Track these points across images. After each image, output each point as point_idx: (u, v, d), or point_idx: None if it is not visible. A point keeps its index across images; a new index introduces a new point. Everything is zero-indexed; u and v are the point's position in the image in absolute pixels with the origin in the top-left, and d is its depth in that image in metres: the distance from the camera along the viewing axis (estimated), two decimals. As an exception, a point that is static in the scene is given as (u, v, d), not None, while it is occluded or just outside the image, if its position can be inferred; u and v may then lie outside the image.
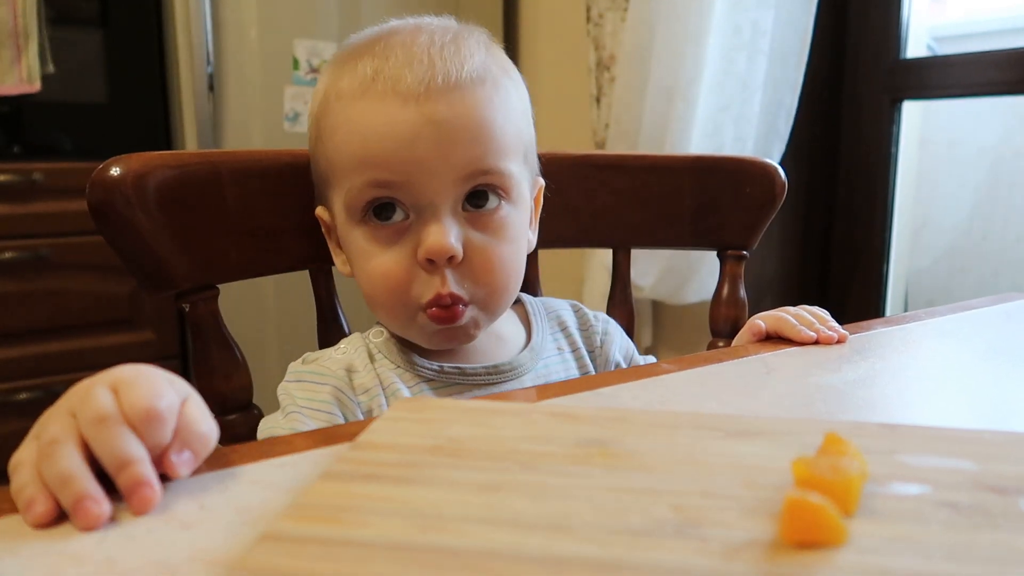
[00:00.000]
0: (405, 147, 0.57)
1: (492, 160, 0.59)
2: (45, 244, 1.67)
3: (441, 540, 0.29)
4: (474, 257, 0.59)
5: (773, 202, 0.86)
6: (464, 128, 0.57)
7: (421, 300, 0.59)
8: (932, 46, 1.64)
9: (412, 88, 0.57)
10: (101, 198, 0.60)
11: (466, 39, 0.61)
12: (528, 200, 0.66)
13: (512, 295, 0.64)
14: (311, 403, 0.60)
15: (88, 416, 0.34)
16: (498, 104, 0.60)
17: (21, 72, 1.62)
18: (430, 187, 0.57)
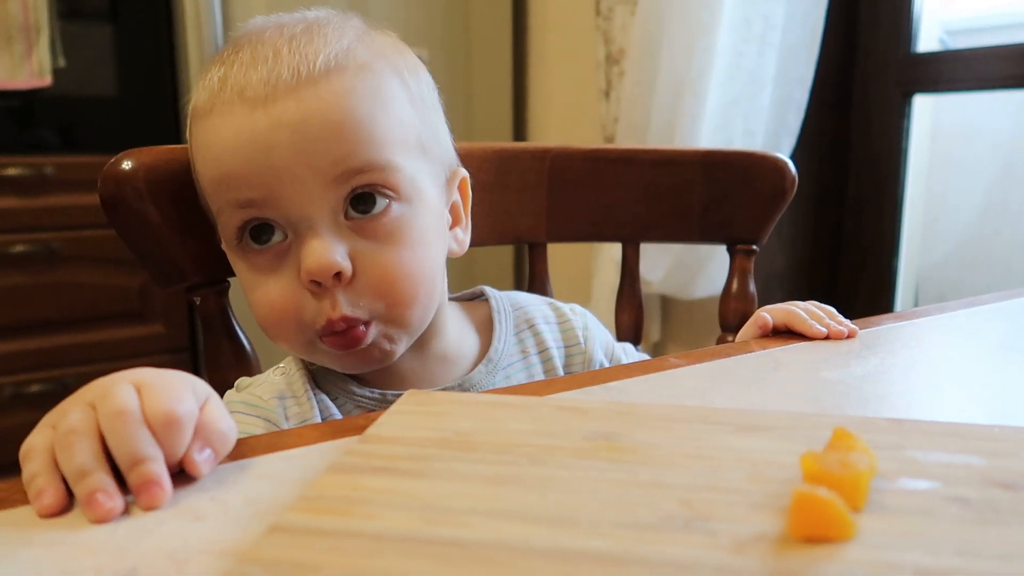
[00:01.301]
0: (259, 157, 0.50)
1: (365, 155, 0.51)
2: (56, 237, 1.68)
3: (449, 533, 0.29)
4: (366, 271, 0.52)
5: (783, 196, 0.85)
6: (321, 125, 0.50)
7: (314, 327, 0.53)
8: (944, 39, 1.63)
9: (258, 91, 0.50)
10: (113, 191, 0.60)
11: (325, 26, 0.54)
12: (434, 198, 0.57)
13: (426, 305, 0.56)
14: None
15: (108, 410, 0.34)
16: (364, 92, 0.52)
17: (32, 66, 1.63)
18: (298, 199, 0.51)
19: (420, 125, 0.56)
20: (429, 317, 0.58)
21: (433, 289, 0.57)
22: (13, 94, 1.64)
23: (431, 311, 0.58)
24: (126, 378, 0.36)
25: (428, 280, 0.55)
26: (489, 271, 1.99)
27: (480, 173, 0.80)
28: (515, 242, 0.85)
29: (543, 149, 0.84)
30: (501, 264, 2.02)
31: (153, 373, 0.37)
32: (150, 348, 1.80)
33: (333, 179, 0.51)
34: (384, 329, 0.54)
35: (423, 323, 0.58)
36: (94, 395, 0.36)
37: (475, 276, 1.93)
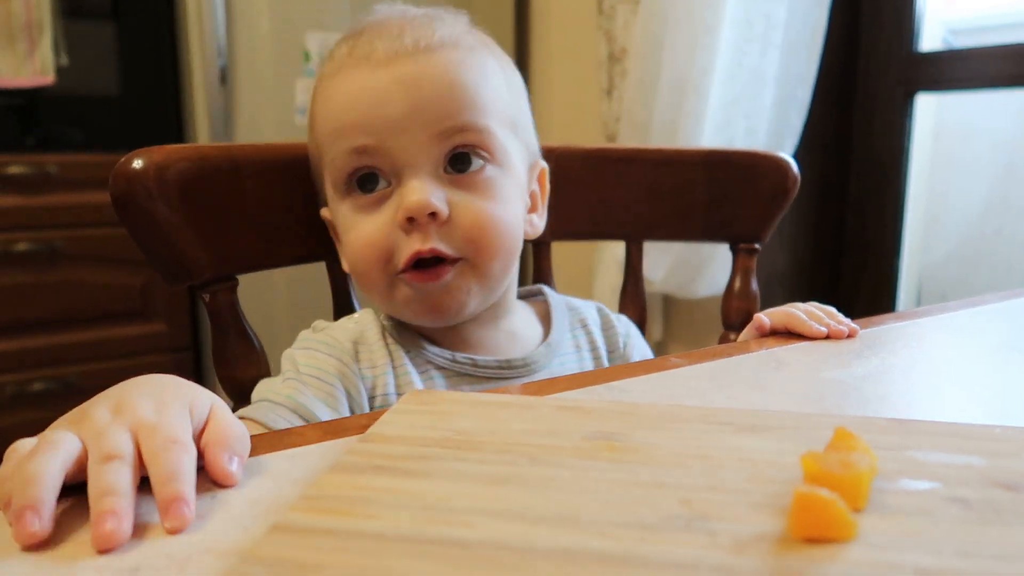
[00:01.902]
0: (376, 108, 0.57)
1: (467, 116, 0.58)
2: (59, 236, 1.69)
3: (450, 532, 0.29)
4: (459, 216, 0.57)
5: (785, 196, 0.85)
6: (434, 85, 0.57)
7: (399, 263, 0.57)
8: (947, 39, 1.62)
9: (381, 56, 0.58)
10: (123, 190, 0.61)
11: (440, 16, 0.62)
12: (520, 172, 0.63)
13: (506, 263, 0.61)
14: (313, 371, 0.59)
15: (98, 453, 0.33)
16: (471, 66, 0.60)
17: (35, 65, 1.63)
18: (406, 147, 0.57)
19: (513, 108, 0.64)
20: (504, 278, 0.63)
21: (513, 253, 0.62)
22: (16, 92, 1.64)
23: (507, 275, 0.63)
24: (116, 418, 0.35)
25: (511, 239, 0.61)
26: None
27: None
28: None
29: (546, 149, 0.84)
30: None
31: (151, 410, 0.35)
32: (152, 347, 1.80)
33: (438, 134, 0.58)
34: (464, 277, 0.59)
35: (499, 282, 0.62)
36: (88, 433, 0.34)
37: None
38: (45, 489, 0.31)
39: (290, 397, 0.57)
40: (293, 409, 0.57)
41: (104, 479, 0.32)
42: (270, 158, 0.69)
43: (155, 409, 0.36)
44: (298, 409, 0.57)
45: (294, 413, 0.57)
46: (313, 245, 0.72)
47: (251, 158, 0.67)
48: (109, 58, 1.75)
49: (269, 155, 0.69)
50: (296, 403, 0.57)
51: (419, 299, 0.59)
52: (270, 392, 0.59)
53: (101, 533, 0.30)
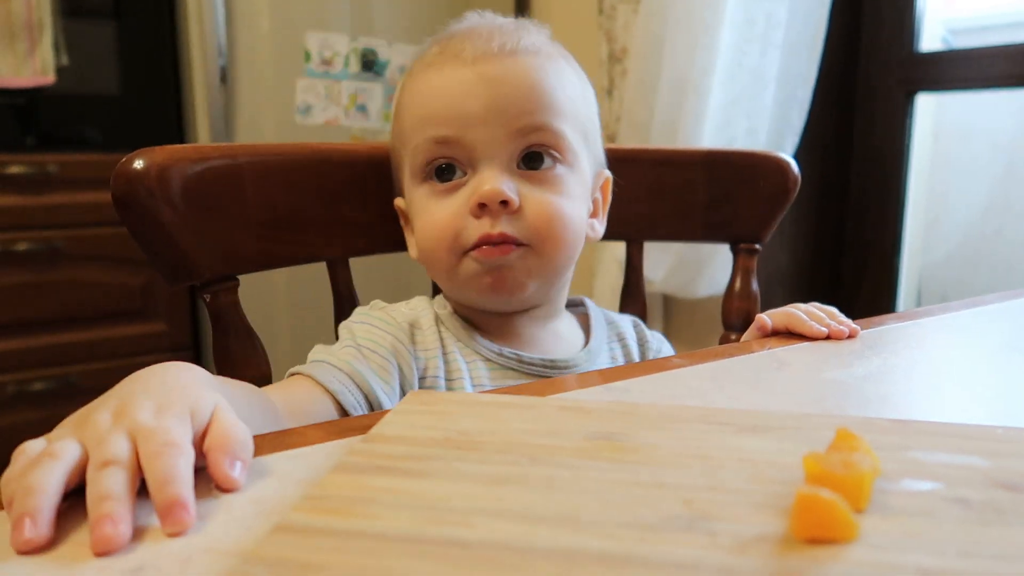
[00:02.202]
0: (459, 102, 0.61)
1: (543, 116, 0.62)
2: (59, 236, 1.69)
3: (452, 532, 0.29)
4: (529, 206, 0.61)
5: (786, 196, 0.85)
6: (515, 85, 0.62)
7: (467, 243, 0.61)
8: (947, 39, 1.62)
9: (468, 56, 0.62)
10: (125, 190, 0.61)
11: (527, 26, 0.67)
12: (587, 176, 0.67)
13: (567, 255, 0.64)
14: (370, 343, 0.62)
15: (96, 459, 0.33)
16: (550, 72, 0.64)
17: (35, 64, 1.63)
18: (484, 140, 0.61)
19: (585, 117, 0.67)
20: (563, 271, 0.66)
21: (574, 247, 0.65)
22: (16, 92, 1.64)
23: (566, 268, 0.67)
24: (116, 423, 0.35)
25: (573, 233, 0.64)
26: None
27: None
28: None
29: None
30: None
31: (150, 414, 0.35)
32: (152, 346, 1.80)
33: (515, 130, 0.62)
34: (526, 260, 0.62)
35: (557, 273, 0.66)
36: (90, 436, 0.34)
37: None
38: (44, 497, 0.31)
39: (347, 363, 0.60)
40: (349, 374, 0.59)
41: (101, 484, 0.32)
42: (272, 159, 0.69)
43: (155, 412, 0.36)
44: (354, 375, 0.59)
45: (350, 379, 0.59)
46: (316, 246, 0.72)
47: (253, 159, 0.67)
48: (109, 58, 1.75)
49: (271, 156, 0.69)
50: (353, 369, 0.60)
51: (484, 273, 0.62)
52: (328, 355, 0.61)
53: (99, 537, 0.30)
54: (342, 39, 1.76)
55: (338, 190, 0.72)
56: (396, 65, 1.82)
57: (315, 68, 1.74)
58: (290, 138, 1.72)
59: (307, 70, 1.73)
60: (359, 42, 1.77)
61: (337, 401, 0.58)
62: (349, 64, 1.77)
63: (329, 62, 1.75)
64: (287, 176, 0.69)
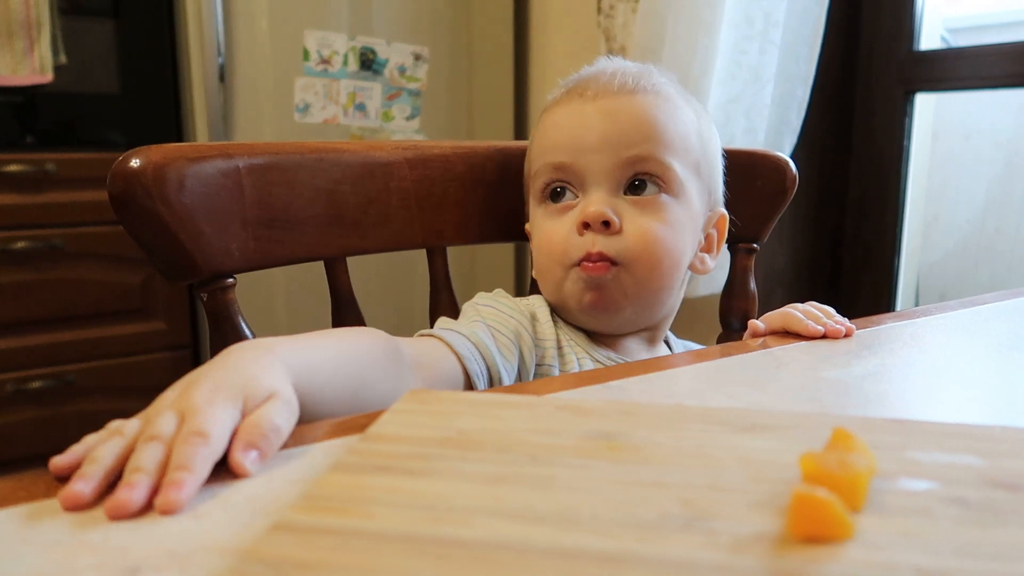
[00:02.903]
0: (578, 133, 0.68)
1: (650, 148, 0.67)
2: (58, 234, 1.68)
3: (450, 532, 0.29)
4: (628, 228, 0.66)
5: (784, 195, 0.85)
6: (627, 119, 0.68)
7: (573, 259, 0.67)
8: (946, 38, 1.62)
9: (592, 93, 0.70)
10: (122, 189, 0.60)
11: (651, 70, 0.73)
12: (696, 209, 0.71)
13: (663, 281, 0.68)
14: (497, 324, 0.67)
15: (145, 434, 0.37)
16: (664, 110, 0.69)
17: (34, 63, 1.63)
18: (595, 167, 0.67)
19: (701, 154, 0.72)
20: (660, 296, 0.70)
21: (671, 274, 0.69)
22: (15, 90, 1.64)
23: (663, 293, 0.70)
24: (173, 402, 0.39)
25: (670, 259, 0.68)
26: (490, 269, 1.99)
27: (483, 171, 0.80)
28: (518, 239, 0.85)
29: (544, 147, 0.84)
30: (502, 262, 2.02)
31: (200, 396, 0.38)
32: (152, 345, 1.80)
33: (624, 160, 0.67)
34: (620, 281, 0.67)
35: (654, 297, 0.70)
36: (152, 411, 0.39)
37: (476, 273, 1.94)
38: (98, 467, 0.35)
39: (475, 334, 0.64)
40: (476, 344, 0.64)
41: (138, 456, 0.35)
42: (269, 157, 0.69)
43: (207, 397, 0.38)
44: (480, 346, 0.64)
45: (476, 348, 0.63)
46: (313, 245, 0.72)
47: (250, 157, 0.67)
48: (108, 56, 1.75)
49: (268, 154, 0.69)
50: (480, 340, 0.64)
51: (585, 289, 0.67)
52: (456, 325, 0.66)
53: (114, 501, 0.33)
54: (341, 38, 1.75)
55: (336, 189, 0.72)
56: (394, 64, 1.82)
57: (314, 67, 1.74)
58: (289, 137, 1.72)
59: (306, 69, 1.73)
60: (358, 41, 1.77)
61: (464, 367, 0.62)
62: (348, 63, 1.77)
63: (328, 61, 1.75)
64: (285, 175, 0.69)
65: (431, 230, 0.78)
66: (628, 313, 0.69)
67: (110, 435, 0.37)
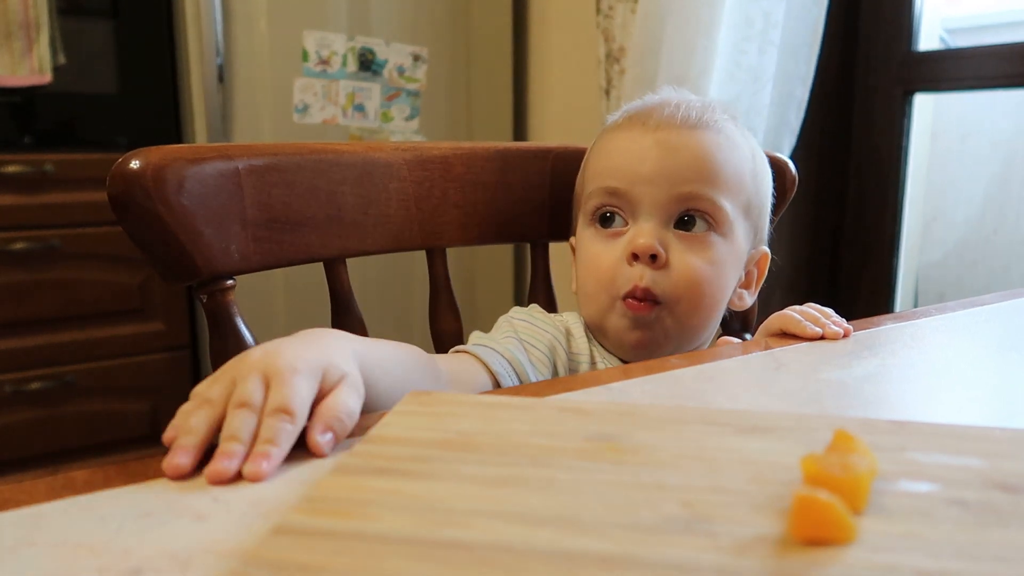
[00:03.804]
0: (635, 162, 0.68)
1: (704, 186, 0.67)
2: (56, 235, 1.68)
3: (451, 534, 0.29)
4: (674, 264, 0.67)
5: (783, 196, 0.85)
6: (684, 154, 0.68)
7: (620, 290, 0.67)
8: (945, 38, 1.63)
9: (651, 123, 0.69)
10: (121, 190, 0.60)
11: (713, 106, 0.72)
12: (742, 248, 0.71)
13: (705, 317, 0.69)
14: (531, 339, 0.68)
15: (235, 397, 0.40)
16: (722, 148, 0.69)
17: (32, 63, 1.63)
18: (648, 197, 0.67)
19: (752, 194, 0.72)
20: (702, 332, 0.71)
21: (712, 311, 0.70)
22: (13, 91, 1.64)
23: (704, 329, 0.71)
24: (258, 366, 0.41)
25: (712, 299, 0.69)
26: (490, 270, 1.99)
27: (483, 173, 0.80)
28: (518, 240, 0.85)
29: (545, 149, 0.84)
30: (502, 263, 2.02)
31: (285, 364, 0.41)
32: (150, 345, 1.80)
33: (677, 195, 0.67)
34: (667, 321, 0.67)
35: (696, 333, 0.70)
36: (236, 374, 0.41)
37: (476, 274, 1.94)
38: (196, 438, 0.38)
39: (509, 350, 0.66)
40: (510, 361, 0.65)
41: (232, 424, 0.38)
42: (269, 159, 0.69)
43: (291, 367, 0.41)
44: (514, 363, 0.65)
45: (510, 364, 0.65)
46: (313, 247, 0.72)
47: (249, 158, 0.67)
48: (107, 57, 1.75)
49: (268, 155, 0.69)
50: (513, 356, 0.66)
51: (629, 327, 0.68)
52: (490, 341, 0.68)
53: (213, 469, 0.36)
54: (340, 38, 1.75)
55: (336, 190, 0.72)
56: (393, 64, 1.82)
57: (313, 67, 1.74)
58: (288, 137, 1.72)
59: (305, 69, 1.73)
60: (357, 41, 1.77)
61: (497, 382, 0.64)
62: (347, 63, 1.77)
63: (327, 61, 1.75)
64: (284, 176, 0.69)
65: (430, 231, 0.78)
66: (668, 351, 0.69)
67: (199, 405, 0.40)
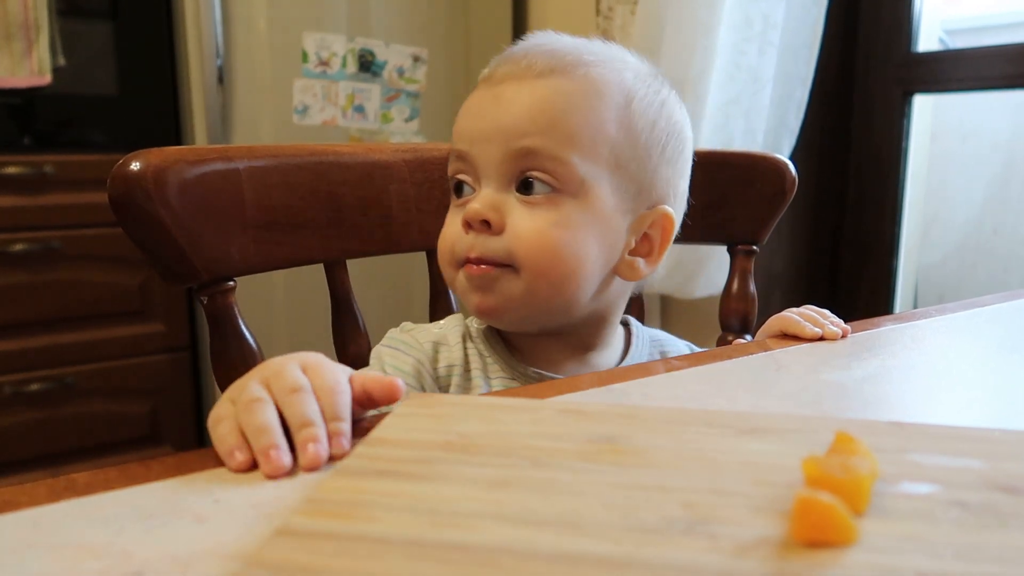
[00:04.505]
0: (474, 120, 0.63)
1: (541, 140, 0.59)
2: (56, 236, 1.68)
3: (453, 536, 0.29)
4: (511, 229, 0.60)
5: (783, 198, 0.85)
6: (520, 106, 0.60)
7: (457, 259, 0.63)
8: (944, 39, 1.63)
9: (499, 76, 0.63)
10: (122, 192, 0.61)
11: (581, 48, 0.63)
12: (609, 208, 0.62)
13: (560, 286, 0.61)
14: (395, 369, 0.64)
15: (284, 386, 0.40)
16: (571, 95, 0.61)
17: (32, 64, 1.62)
18: (485, 158, 0.61)
19: (622, 145, 0.62)
20: (559, 302, 0.62)
21: (567, 280, 0.61)
22: (13, 92, 1.64)
23: (566, 300, 0.62)
24: (295, 360, 0.43)
25: (568, 267, 0.61)
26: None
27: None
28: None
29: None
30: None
31: (315, 357, 0.43)
32: (150, 347, 1.80)
33: (513, 152, 0.60)
34: (505, 283, 0.61)
35: (549, 302, 0.62)
36: (269, 373, 0.42)
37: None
38: (277, 434, 0.39)
39: None
40: None
41: (297, 409, 0.39)
42: (269, 160, 0.69)
43: (315, 357, 0.43)
44: None
45: None
46: (313, 248, 0.72)
47: (249, 160, 0.67)
48: (106, 58, 1.75)
49: (268, 157, 0.69)
50: None
51: (470, 290, 0.63)
52: None
53: (310, 458, 0.38)
54: (339, 39, 1.75)
55: (336, 192, 0.72)
56: (393, 65, 1.82)
57: (312, 68, 1.74)
58: (287, 138, 1.72)
59: (304, 70, 1.73)
60: (356, 42, 1.77)
61: None
62: (346, 65, 1.77)
63: (326, 62, 1.75)
64: (285, 178, 0.69)
65: (431, 232, 0.78)
66: (518, 316, 0.63)
67: (248, 405, 0.40)
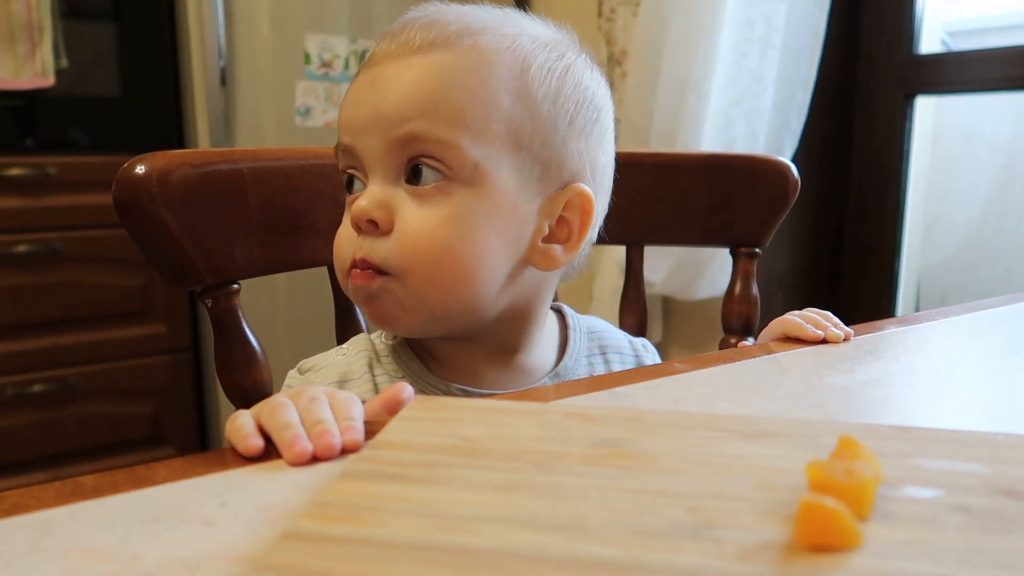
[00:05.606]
0: (352, 110, 0.56)
1: (423, 124, 0.53)
2: (58, 237, 1.69)
3: (458, 540, 0.29)
4: (401, 227, 0.54)
5: (786, 200, 0.86)
6: (397, 89, 0.54)
7: (346, 264, 0.57)
8: (946, 41, 1.63)
9: (377, 56, 0.56)
10: (127, 195, 0.61)
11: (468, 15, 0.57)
12: (510, 193, 0.56)
13: (455, 287, 0.55)
14: None
15: (303, 398, 0.44)
16: (454, 69, 0.54)
17: (35, 66, 1.63)
18: (368, 150, 0.55)
19: (521, 120, 0.56)
20: (458, 305, 0.56)
21: (470, 282, 0.55)
22: (16, 94, 1.64)
23: (465, 302, 0.56)
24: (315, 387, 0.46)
25: (462, 267, 0.55)
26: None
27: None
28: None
29: (547, 152, 0.84)
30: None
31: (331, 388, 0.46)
32: (152, 348, 1.80)
33: (395, 140, 0.54)
34: (390, 292, 0.55)
35: (442, 306, 0.56)
36: (291, 392, 0.45)
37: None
38: (300, 428, 0.42)
39: None
40: None
41: (314, 412, 0.42)
42: (273, 164, 0.69)
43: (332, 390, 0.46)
44: None
45: None
46: (317, 251, 0.72)
47: (253, 163, 0.68)
48: (109, 60, 1.75)
49: (272, 160, 0.69)
50: None
51: (361, 301, 0.58)
52: None
53: (323, 446, 0.40)
54: (341, 41, 1.76)
55: (339, 195, 0.72)
56: (396, 67, 1.82)
57: (315, 70, 1.74)
58: (290, 140, 1.72)
59: (307, 72, 1.73)
60: (358, 44, 1.78)
61: None
62: (349, 66, 1.77)
63: (329, 64, 1.75)
64: (288, 181, 0.70)
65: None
66: (412, 325, 0.58)
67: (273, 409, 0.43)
